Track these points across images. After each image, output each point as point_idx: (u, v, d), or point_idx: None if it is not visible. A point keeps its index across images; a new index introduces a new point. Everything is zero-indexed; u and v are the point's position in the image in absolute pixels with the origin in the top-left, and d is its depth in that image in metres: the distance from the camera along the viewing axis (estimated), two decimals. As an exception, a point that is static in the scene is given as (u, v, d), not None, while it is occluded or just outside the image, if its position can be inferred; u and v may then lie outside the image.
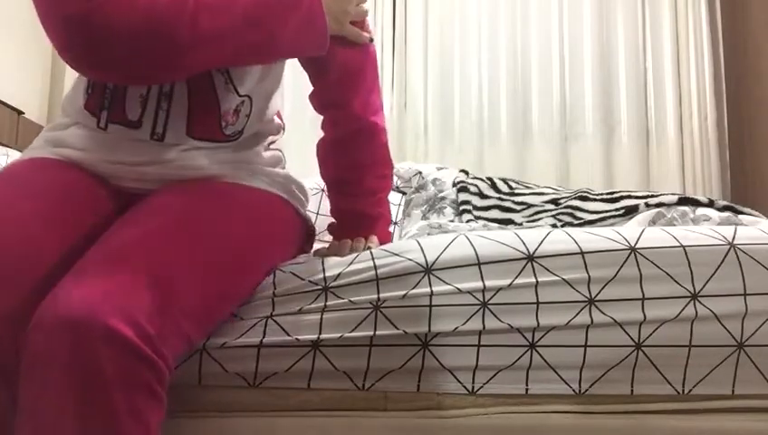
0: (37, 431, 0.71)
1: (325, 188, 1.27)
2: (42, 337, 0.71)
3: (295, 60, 1.13)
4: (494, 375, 0.94)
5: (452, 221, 1.88)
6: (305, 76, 1.18)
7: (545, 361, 0.94)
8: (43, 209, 0.89)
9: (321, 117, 1.20)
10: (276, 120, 1.18)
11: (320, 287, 0.95)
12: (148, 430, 0.73)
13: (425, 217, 1.97)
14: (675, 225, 1.53)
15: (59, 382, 0.70)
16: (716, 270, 0.96)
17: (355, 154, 1.17)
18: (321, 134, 1.21)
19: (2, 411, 0.75)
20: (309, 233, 1.20)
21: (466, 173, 2.16)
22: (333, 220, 1.21)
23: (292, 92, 2.68)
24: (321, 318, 0.94)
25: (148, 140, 1.01)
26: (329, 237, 1.18)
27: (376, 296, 0.94)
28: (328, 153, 1.20)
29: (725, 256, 0.97)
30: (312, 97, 1.18)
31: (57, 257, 0.84)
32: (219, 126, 1.04)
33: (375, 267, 0.96)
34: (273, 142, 1.16)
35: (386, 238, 1.18)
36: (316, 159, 1.23)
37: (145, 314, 0.73)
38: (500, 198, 1.95)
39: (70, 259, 0.83)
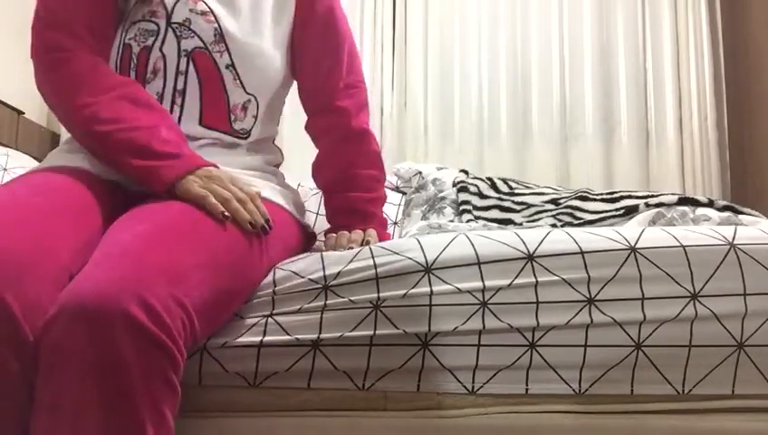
0: (59, 420, 0.72)
1: (325, 189, 1.30)
2: (60, 327, 0.72)
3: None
4: (494, 375, 0.94)
5: (452, 221, 1.88)
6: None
7: (545, 360, 0.94)
8: (58, 206, 0.91)
9: (318, 140, 1.31)
10: (277, 152, 1.27)
11: (320, 286, 0.95)
12: (164, 418, 0.74)
13: (425, 217, 1.96)
14: (675, 225, 1.53)
15: (78, 367, 0.71)
16: (716, 270, 0.96)
17: (348, 154, 1.26)
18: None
19: (20, 406, 0.75)
20: (308, 238, 1.24)
21: (466, 173, 2.15)
22: (329, 227, 1.26)
23: (292, 93, 2.67)
24: (321, 317, 0.94)
25: None
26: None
27: (376, 296, 0.94)
28: (322, 160, 1.29)
29: (725, 256, 0.97)
30: (309, 120, 1.31)
31: (73, 252, 0.86)
32: (228, 118, 1.13)
33: (375, 266, 0.96)
34: (275, 164, 1.25)
35: (384, 238, 1.19)
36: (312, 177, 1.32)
37: (162, 305, 0.75)
38: (500, 198, 1.95)
39: (86, 253, 0.86)
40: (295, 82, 1.30)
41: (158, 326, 0.74)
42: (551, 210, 1.83)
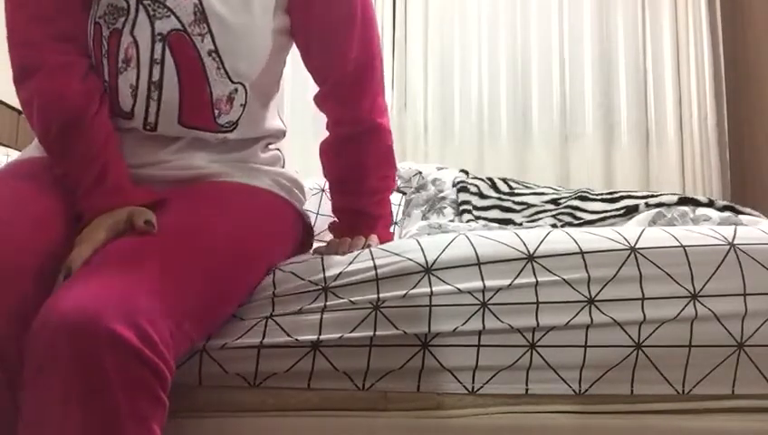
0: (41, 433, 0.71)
1: (325, 188, 1.28)
2: (44, 340, 0.71)
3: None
4: (494, 375, 0.94)
5: (452, 221, 1.88)
6: (305, 76, 1.18)
7: (545, 361, 0.94)
8: (42, 209, 0.89)
9: (325, 117, 1.18)
10: (277, 121, 1.17)
11: (320, 287, 0.95)
12: (151, 434, 0.73)
13: (425, 218, 1.97)
14: (675, 225, 1.53)
15: (62, 386, 0.70)
16: (716, 270, 0.96)
17: (359, 154, 1.15)
18: (323, 134, 1.21)
19: (6, 413, 0.75)
20: (307, 230, 1.20)
21: (466, 173, 2.16)
22: (334, 219, 1.21)
23: (292, 93, 2.68)
24: (321, 318, 0.94)
25: (142, 142, 1.01)
26: (329, 237, 1.18)
27: (376, 296, 0.94)
28: (332, 153, 1.18)
29: (725, 256, 0.97)
30: (319, 97, 1.16)
31: (58, 257, 0.84)
32: (212, 114, 1.02)
33: (375, 267, 0.96)
34: (271, 143, 1.16)
35: (386, 238, 1.18)
36: (318, 159, 1.22)
37: (148, 319, 0.73)
38: (500, 198, 1.95)
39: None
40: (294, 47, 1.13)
41: (144, 342, 0.71)
42: (551, 210, 1.84)
